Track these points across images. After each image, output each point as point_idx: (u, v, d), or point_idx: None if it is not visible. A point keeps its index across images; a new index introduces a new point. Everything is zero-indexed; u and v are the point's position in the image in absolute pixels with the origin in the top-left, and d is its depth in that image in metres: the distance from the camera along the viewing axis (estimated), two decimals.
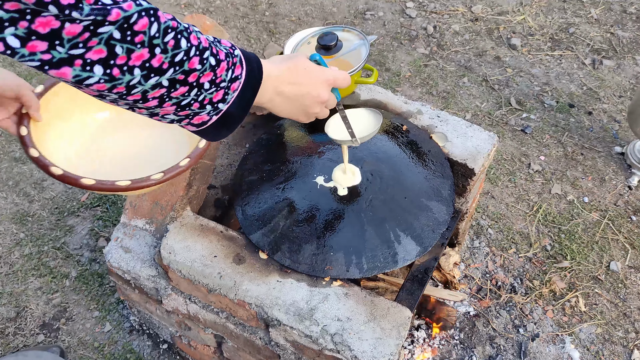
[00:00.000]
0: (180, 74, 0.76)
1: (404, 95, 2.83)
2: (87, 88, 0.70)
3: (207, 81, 0.81)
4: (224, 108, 0.87)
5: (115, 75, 0.69)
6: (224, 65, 0.83)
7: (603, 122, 2.75)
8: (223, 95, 0.85)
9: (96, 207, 2.38)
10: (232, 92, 0.87)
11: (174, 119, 0.85)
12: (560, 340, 2.04)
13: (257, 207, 1.57)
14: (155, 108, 0.80)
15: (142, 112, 0.82)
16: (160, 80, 0.74)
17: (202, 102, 0.83)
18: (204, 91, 0.82)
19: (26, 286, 2.16)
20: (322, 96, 1.07)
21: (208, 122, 0.88)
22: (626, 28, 3.21)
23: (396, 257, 1.48)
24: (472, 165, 1.68)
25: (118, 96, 0.74)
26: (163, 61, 0.72)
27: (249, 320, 1.49)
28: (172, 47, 0.73)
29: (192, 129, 0.90)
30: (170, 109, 0.81)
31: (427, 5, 3.34)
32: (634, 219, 2.38)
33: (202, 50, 0.78)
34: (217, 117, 0.88)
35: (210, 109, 0.85)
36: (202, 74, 0.79)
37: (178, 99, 0.79)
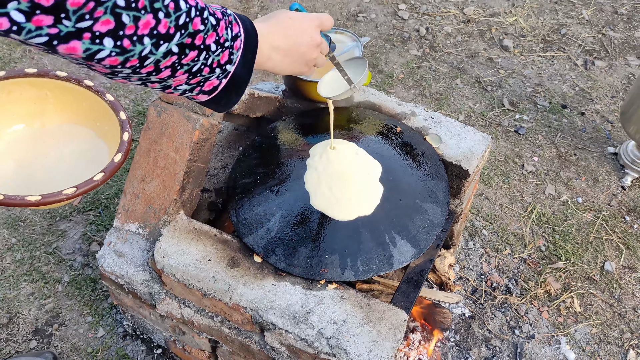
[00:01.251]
0: (186, 37, 0.75)
1: (397, 97, 2.83)
2: (99, 64, 0.69)
3: (212, 42, 0.81)
4: (231, 69, 0.87)
5: (127, 47, 0.68)
6: (222, 24, 0.83)
7: (596, 122, 2.76)
8: (229, 55, 0.85)
9: (89, 212, 2.36)
10: (236, 51, 0.87)
11: (186, 88, 0.85)
12: (556, 341, 2.04)
13: (251, 210, 1.56)
14: (168, 79, 0.79)
15: (155, 87, 0.81)
16: (170, 47, 0.73)
17: (212, 65, 0.83)
18: (211, 53, 0.81)
19: (18, 292, 2.13)
20: (315, 39, 1.08)
21: (219, 86, 0.88)
22: (617, 29, 3.22)
23: (391, 259, 1.47)
24: (467, 167, 1.68)
25: (131, 70, 0.72)
26: (169, 26, 0.71)
27: (243, 324, 1.48)
28: (174, 9, 0.72)
29: (204, 98, 0.90)
30: (182, 77, 0.80)
31: (419, 7, 3.34)
32: (628, 219, 2.38)
33: (201, 10, 0.77)
34: (226, 80, 0.88)
35: (219, 72, 0.86)
36: (207, 34, 0.79)
37: (189, 65, 0.79)
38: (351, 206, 1.50)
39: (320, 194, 1.52)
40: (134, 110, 2.75)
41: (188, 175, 1.58)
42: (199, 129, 1.54)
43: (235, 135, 1.99)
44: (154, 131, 1.59)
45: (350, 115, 1.78)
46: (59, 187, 1.10)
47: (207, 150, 1.63)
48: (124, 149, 1.20)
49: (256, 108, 1.80)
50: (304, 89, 1.79)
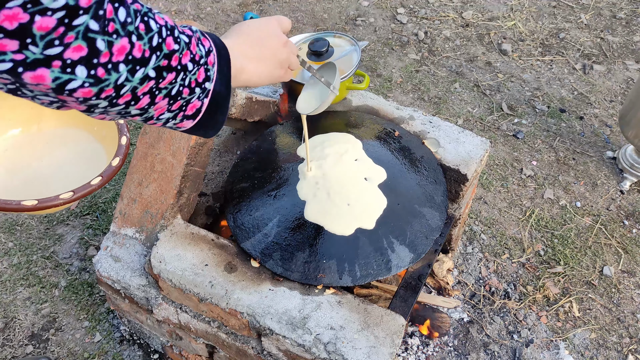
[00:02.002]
0: (162, 59, 0.70)
1: (396, 101, 2.83)
2: (71, 96, 0.63)
3: (188, 61, 0.76)
4: (210, 87, 0.83)
5: (101, 77, 0.62)
6: (193, 40, 0.78)
7: (594, 126, 2.75)
8: (205, 72, 0.81)
9: (86, 216, 2.35)
10: (211, 66, 0.83)
11: (169, 117, 0.80)
12: (555, 346, 2.03)
13: (249, 215, 1.55)
14: (148, 108, 0.74)
15: (136, 119, 0.77)
16: (146, 72, 0.68)
17: (190, 85, 0.78)
18: (188, 73, 0.77)
19: (15, 296, 2.12)
20: (281, 37, 1.05)
21: (202, 107, 0.84)
22: (616, 33, 3.22)
23: (389, 264, 1.46)
24: (465, 171, 1.67)
25: (108, 102, 0.67)
26: (144, 49, 0.67)
27: (240, 330, 1.47)
28: (145, 31, 0.66)
29: (190, 124, 0.85)
30: (163, 103, 0.76)
31: (418, 11, 3.34)
32: (627, 223, 2.38)
33: (171, 28, 0.73)
34: (207, 99, 0.84)
35: (199, 92, 0.81)
36: (182, 54, 0.74)
37: (167, 89, 0.74)
38: (348, 221, 1.49)
39: (315, 206, 1.51)
40: None
41: (185, 179, 1.58)
42: None
43: (233, 139, 1.98)
44: (151, 135, 1.59)
45: (348, 119, 1.78)
46: (56, 191, 1.10)
47: (205, 154, 1.62)
48: (122, 152, 1.20)
49: (254, 112, 1.80)
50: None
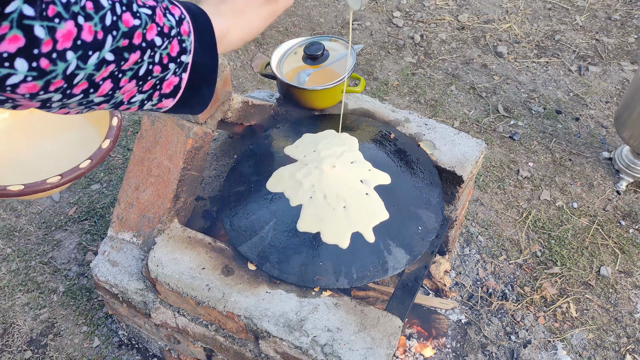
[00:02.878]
0: (121, 39, 0.61)
1: (392, 104, 2.84)
2: (15, 92, 0.56)
3: (155, 35, 0.67)
4: (188, 60, 0.73)
5: (45, 68, 0.55)
6: (158, 11, 0.68)
7: (590, 127, 2.77)
8: (179, 44, 0.71)
9: (84, 221, 2.36)
10: (187, 36, 0.72)
11: (143, 98, 0.71)
12: (553, 346, 2.03)
13: (245, 218, 1.56)
14: (113, 92, 0.66)
15: (104, 107, 0.68)
16: (102, 56, 0.60)
17: (162, 62, 0.69)
18: (157, 49, 0.67)
19: (13, 302, 2.13)
20: None
21: (180, 84, 0.74)
22: (611, 34, 3.24)
23: (386, 266, 1.47)
24: (461, 173, 1.68)
25: (61, 94, 0.60)
26: (95, 30, 0.57)
27: (238, 333, 1.47)
28: (93, 9, 0.58)
29: (171, 103, 0.76)
30: (129, 86, 0.67)
31: (413, 14, 3.36)
32: (623, 223, 2.39)
33: (127, 3, 0.63)
34: (186, 74, 0.74)
35: (174, 67, 0.72)
36: (145, 29, 0.65)
37: (133, 70, 0.66)
38: (344, 229, 1.49)
39: (311, 210, 1.51)
40: (129, 119, 2.76)
41: (182, 183, 1.58)
42: (192, 137, 1.55)
43: (229, 143, 1.99)
44: (147, 140, 1.60)
45: (344, 122, 1.79)
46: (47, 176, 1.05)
47: (201, 158, 1.63)
48: (112, 134, 1.14)
49: (250, 116, 1.81)
50: (297, 97, 1.79)
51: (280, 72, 1.77)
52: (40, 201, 2.42)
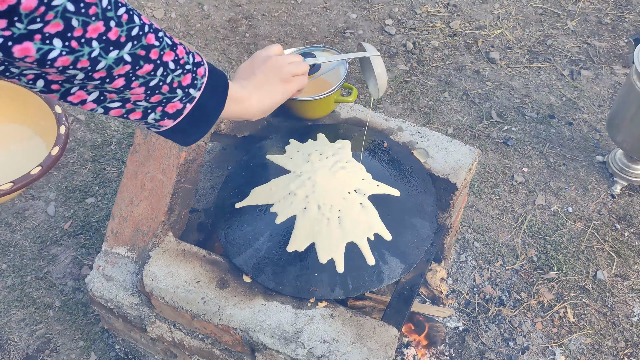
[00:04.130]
0: (140, 48, 0.78)
1: (386, 112, 2.85)
2: (52, 66, 0.71)
3: (170, 60, 0.84)
4: (196, 95, 0.90)
5: (74, 47, 0.71)
6: (181, 48, 0.86)
7: (584, 131, 2.78)
8: (192, 79, 0.89)
9: (79, 235, 2.35)
10: (200, 77, 0.90)
11: (147, 107, 0.87)
12: (551, 352, 2.03)
13: (240, 230, 1.55)
14: (124, 89, 0.81)
15: (113, 98, 0.83)
16: (121, 55, 0.76)
17: (171, 84, 0.86)
18: (170, 72, 0.85)
19: (9, 318, 2.12)
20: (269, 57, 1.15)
21: (183, 110, 0.90)
22: (602, 38, 3.25)
23: (381, 275, 1.47)
24: (454, 180, 1.68)
25: (84, 74, 0.75)
26: (120, 34, 0.75)
27: (234, 346, 1.47)
28: (126, 21, 0.75)
29: (170, 123, 0.91)
30: (139, 91, 0.83)
31: (405, 22, 3.37)
32: (618, 227, 2.39)
33: (156, 30, 0.81)
34: (191, 105, 0.91)
35: (182, 94, 0.88)
36: (163, 51, 0.82)
37: (145, 78, 0.82)
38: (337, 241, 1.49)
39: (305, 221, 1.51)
40: (123, 132, 2.76)
41: (176, 196, 1.58)
42: (186, 150, 1.55)
43: (223, 155, 1.99)
44: (140, 153, 1.60)
45: (337, 131, 1.79)
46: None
47: (195, 171, 1.63)
48: (61, 142, 1.21)
49: (243, 127, 1.81)
50: (290, 107, 1.79)
51: None
52: (35, 216, 2.42)
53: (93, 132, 2.74)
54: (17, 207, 2.45)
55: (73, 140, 2.70)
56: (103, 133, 2.74)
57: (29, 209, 2.44)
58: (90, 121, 2.79)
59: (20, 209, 2.44)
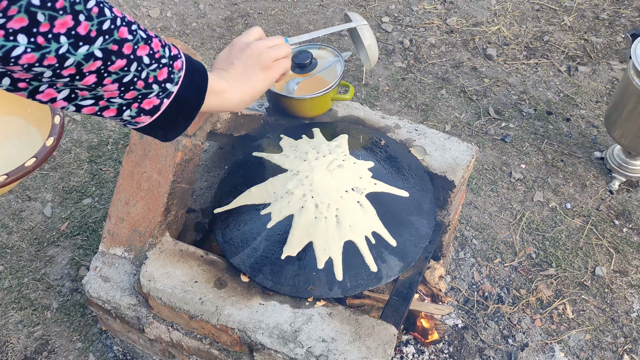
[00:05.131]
0: (111, 43, 0.75)
1: (383, 110, 2.84)
2: (17, 64, 0.68)
3: (145, 54, 0.80)
4: (173, 90, 0.87)
5: (41, 44, 0.67)
6: (156, 41, 0.83)
7: (581, 127, 2.77)
8: (168, 74, 0.85)
9: (76, 236, 2.34)
10: (178, 71, 0.87)
11: (122, 103, 0.83)
12: (550, 348, 2.03)
13: (237, 230, 1.55)
14: (96, 87, 0.77)
15: (85, 95, 0.79)
16: (91, 50, 0.73)
17: (147, 80, 0.82)
18: (144, 66, 0.81)
19: (6, 320, 2.11)
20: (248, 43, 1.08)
21: (160, 106, 0.87)
22: (599, 34, 3.25)
23: (379, 273, 1.46)
24: (452, 178, 1.68)
25: (52, 72, 0.71)
26: (90, 29, 0.71)
27: (232, 346, 1.46)
28: (97, 14, 0.72)
29: (147, 119, 0.88)
30: (112, 88, 0.79)
31: (402, 19, 3.36)
32: (617, 223, 2.39)
33: (129, 23, 0.78)
34: (168, 100, 0.87)
35: (159, 90, 0.85)
36: (137, 45, 0.79)
37: (118, 75, 0.78)
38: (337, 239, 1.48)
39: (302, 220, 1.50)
40: (120, 132, 2.75)
41: (172, 196, 1.57)
42: (182, 149, 1.54)
43: (220, 154, 1.99)
44: (136, 153, 1.59)
45: (334, 130, 1.78)
46: None
47: (191, 170, 1.62)
48: (56, 132, 1.18)
49: (240, 126, 1.80)
50: (287, 106, 1.79)
51: None
52: (32, 217, 2.41)
53: (89, 132, 2.73)
54: (13, 208, 2.44)
55: (69, 141, 2.69)
56: (99, 133, 2.73)
57: (25, 210, 2.43)
58: (86, 122, 2.78)
59: (16, 210, 2.43)
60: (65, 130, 2.72)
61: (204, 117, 1.59)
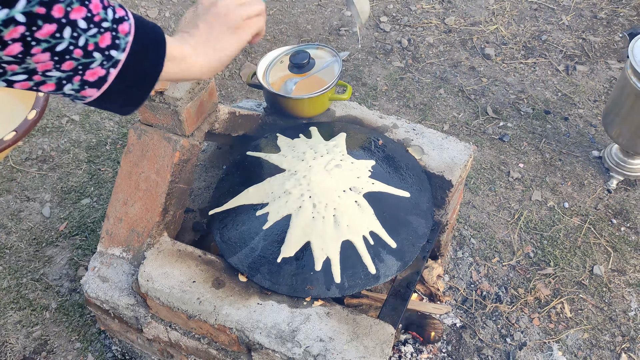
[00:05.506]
0: (37, 5, 0.65)
1: (382, 109, 2.84)
2: None
3: (81, 17, 0.70)
4: (120, 57, 0.76)
5: None
6: (96, 2, 0.73)
7: (579, 127, 2.77)
8: (112, 39, 0.75)
9: (75, 236, 2.35)
10: (124, 35, 0.76)
11: (61, 76, 0.73)
12: (548, 347, 2.03)
13: (235, 230, 1.55)
14: (24, 57, 0.68)
15: (15, 70, 0.69)
16: (12, 15, 0.63)
17: (86, 47, 0.72)
18: (81, 32, 0.71)
19: (5, 320, 2.11)
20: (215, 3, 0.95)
21: (107, 77, 0.77)
22: (597, 33, 3.25)
23: (377, 273, 1.46)
24: (449, 177, 1.68)
25: None
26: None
27: (230, 345, 1.47)
28: None
29: (94, 93, 0.78)
30: (43, 57, 0.69)
31: (400, 19, 3.36)
32: (615, 222, 2.39)
33: None
34: (116, 70, 0.77)
35: (102, 59, 0.75)
36: (70, 7, 0.69)
37: (50, 43, 0.68)
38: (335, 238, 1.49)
39: (300, 220, 1.50)
40: (118, 132, 2.75)
41: (170, 197, 1.58)
42: (180, 150, 1.54)
43: (218, 154, 1.99)
44: (134, 154, 1.59)
45: (332, 129, 1.78)
46: None
47: (189, 171, 1.62)
48: (39, 105, 1.14)
49: (238, 126, 1.80)
50: (284, 106, 1.79)
51: (266, 81, 1.77)
52: (30, 217, 2.41)
53: (88, 132, 2.73)
54: (12, 208, 2.44)
55: (68, 141, 2.69)
56: (98, 133, 2.73)
57: (24, 210, 2.44)
58: (85, 122, 2.78)
59: (15, 211, 2.43)
60: (63, 131, 2.73)
61: (202, 117, 1.60)
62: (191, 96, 1.49)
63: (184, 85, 1.48)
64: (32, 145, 2.67)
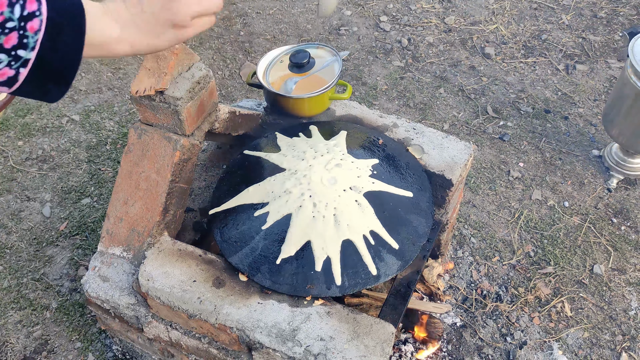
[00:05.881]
0: None
1: (382, 109, 2.84)
2: None
3: None
4: (30, 56, 0.73)
5: None
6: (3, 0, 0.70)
7: (579, 126, 2.77)
8: (19, 38, 0.72)
9: (75, 236, 2.35)
10: (33, 34, 0.73)
11: None
12: (548, 346, 2.03)
13: (235, 229, 1.55)
14: None
15: None
16: None
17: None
18: None
19: (6, 320, 2.11)
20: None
21: (18, 77, 0.74)
22: (597, 32, 3.25)
23: (377, 272, 1.46)
24: (450, 176, 1.68)
25: None
26: None
27: (231, 345, 1.47)
28: None
29: (6, 91, 0.76)
30: None
31: (400, 18, 3.36)
32: (615, 221, 2.39)
33: None
34: (26, 69, 0.74)
35: (8, 59, 0.72)
36: None
37: None
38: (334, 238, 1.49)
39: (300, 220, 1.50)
40: (119, 132, 2.75)
41: (170, 196, 1.58)
42: (180, 149, 1.54)
43: (218, 153, 1.99)
44: (134, 153, 1.59)
45: (332, 129, 1.78)
46: None
47: (189, 170, 1.62)
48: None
49: (238, 126, 1.80)
50: (285, 105, 1.79)
51: (266, 81, 1.77)
52: (31, 217, 2.41)
53: (88, 132, 2.74)
54: (12, 208, 2.44)
55: (68, 141, 2.69)
56: (98, 133, 2.73)
57: (24, 210, 2.44)
58: (85, 122, 2.78)
59: (15, 210, 2.43)
60: (63, 131, 2.73)
61: (202, 116, 1.60)
62: (191, 95, 1.49)
63: (184, 84, 1.48)
64: (32, 145, 2.67)
